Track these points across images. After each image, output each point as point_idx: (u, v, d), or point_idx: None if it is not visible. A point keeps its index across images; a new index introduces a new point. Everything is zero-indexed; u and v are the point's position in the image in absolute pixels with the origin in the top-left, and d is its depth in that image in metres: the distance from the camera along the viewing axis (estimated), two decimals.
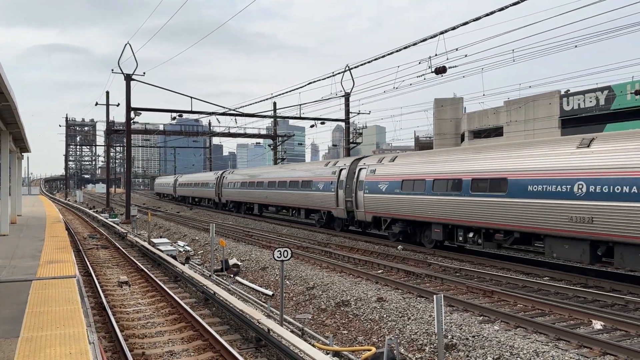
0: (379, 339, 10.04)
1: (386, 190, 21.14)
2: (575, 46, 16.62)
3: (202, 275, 15.68)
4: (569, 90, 36.69)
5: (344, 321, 11.49)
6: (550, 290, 13.28)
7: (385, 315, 11.09)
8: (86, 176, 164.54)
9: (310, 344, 8.87)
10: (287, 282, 15.22)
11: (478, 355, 8.52)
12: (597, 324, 9.99)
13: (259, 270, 17.54)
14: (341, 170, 26.15)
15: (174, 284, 15.25)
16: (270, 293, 14.13)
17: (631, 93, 30.52)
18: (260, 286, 15.27)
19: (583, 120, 35.05)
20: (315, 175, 28.83)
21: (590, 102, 34.49)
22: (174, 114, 39.65)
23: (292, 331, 10.01)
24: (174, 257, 19.05)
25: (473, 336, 9.21)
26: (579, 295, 12.64)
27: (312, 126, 43.27)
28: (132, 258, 19.47)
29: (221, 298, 11.73)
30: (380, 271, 16.50)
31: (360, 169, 24.03)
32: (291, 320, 11.09)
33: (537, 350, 8.34)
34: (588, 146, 13.95)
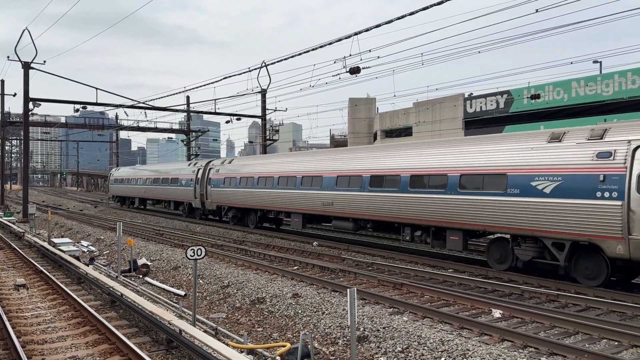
0: (294, 335, 10.10)
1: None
2: (479, 52, 17.71)
3: (108, 277, 14.92)
4: (472, 94, 38.99)
5: (259, 318, 11.44)
6: (454, 281, 14.06)
7: (300, 311, 11.18)
8: None
9: (224, 342, 8.74)
10: (201, 281, 14.88)
11: (388, 345, 8.83)
12: (497, 313, 10.71)
13: (170, 270, 17.00)
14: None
15: (77, 286, 14.38)
16: (183, 293, 13.75)
17: (527, 97, 33.00)
18: (172, 286, 14.80)
19: (485, 122, 37.40)
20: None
21: (491, 105, 36.86)
22: (78, 106, 37.31)
23: (205, 331, 9.81)
24: (77, 258, 17.96)
25: (384, 327, 9.53)
26: (480, 286, 13.49)
27: (227, 122, 42.58)
28: (30, 259, 18.08)
29: (129, 300, 11.22)
30: (296, 267, 16.60)
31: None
32: (204, 320, 10.86)
33: (443, 339, 8.79)
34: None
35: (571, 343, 8.72)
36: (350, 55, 16.94)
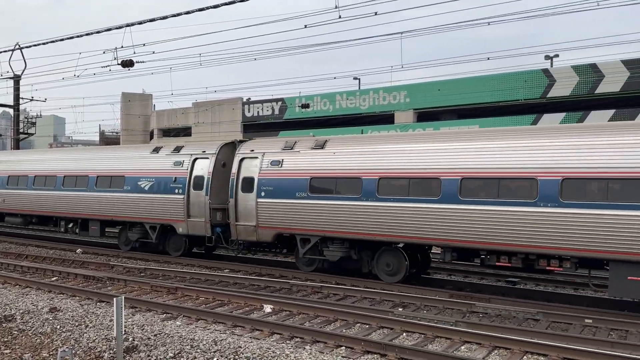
0: (51, 353, 9.02)
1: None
2: (255, 59, 18.40)
3: None
4: (250, 98, 40.35)
5: (6, 339, 9.89)
6: (229, 281, 14.31)
7: (59, 327, 10.04)
8: None
9: None
10: None
11: (159, 353, 8.53)
12: (268, 308, 11.25)
13: None
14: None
15: None
16: None
17: (298, 106, 35.51)
18: None
19: (261, 126, 39.07)
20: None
21: (268, 111, 38.68)
22: None
23: None
24: None
25: (155, 335, 9.18)
26: (254, 283, 14.00)
27: None
28: None
29: None
30: (54, 278, 14.85)
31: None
32: None
33: (216, 339, 8.86)
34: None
35: (331, 330, 9.64)
36: (122, 47, 15.92)
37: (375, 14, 13.63)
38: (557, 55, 33.79)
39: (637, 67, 24.93)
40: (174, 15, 11.15)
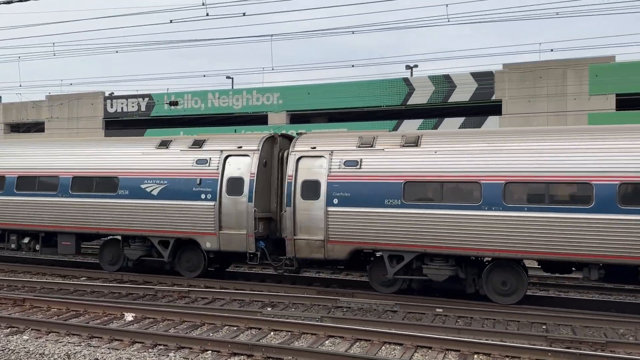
0: None
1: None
2: (117, 51, 17.34)
3: None
4: (113, 93, 37.91)
5: None
6: (87, 290, 13.34)
7: None
8: None
9: None
10: None
11: None
12: (129, 316, 10.66)
13: None
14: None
15: None
16: None
17: (166, 103, 34.12)
18: None
19: (126, 123, 36.87)
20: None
21: (133, 107, 36.59)
22: None
23: None
24: None
25: None
26: (115, 291, 13.18)
27: None
28: None
29: None
30: None
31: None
32: None
33: (69, 352, 8.21)
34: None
35: (197, 334, 9.42)
36: None
37: (244, 14, 13.60)
38: (416, 66, 36.43)
39: (484, 79, 27.82)
40: (20, 0, 10.00)
